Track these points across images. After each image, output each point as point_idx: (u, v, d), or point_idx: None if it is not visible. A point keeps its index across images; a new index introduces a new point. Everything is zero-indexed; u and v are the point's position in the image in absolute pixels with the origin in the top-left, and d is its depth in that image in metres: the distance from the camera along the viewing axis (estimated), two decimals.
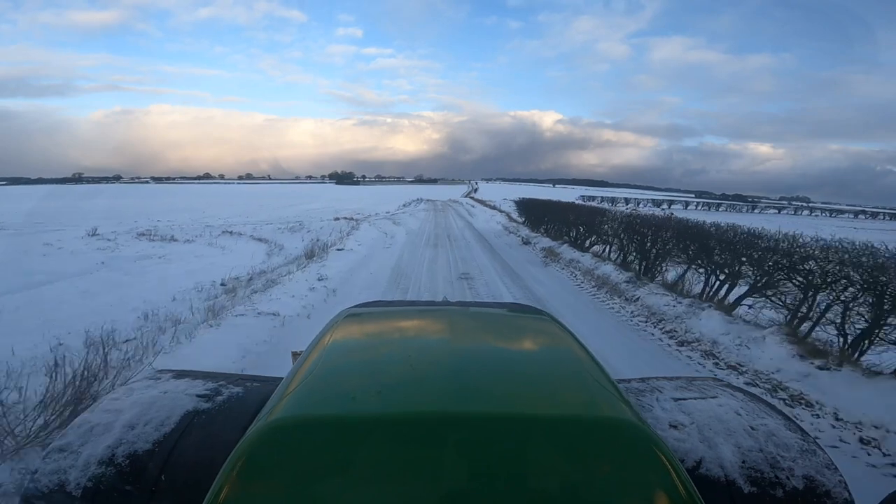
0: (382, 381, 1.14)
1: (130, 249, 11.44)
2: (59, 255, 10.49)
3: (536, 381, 1.20)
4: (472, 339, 1.55)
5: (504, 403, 1.06)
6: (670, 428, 1.49)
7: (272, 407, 1.05)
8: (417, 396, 1.08)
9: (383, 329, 1.68)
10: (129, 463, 1.30)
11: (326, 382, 1.15)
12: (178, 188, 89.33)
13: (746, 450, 1.39)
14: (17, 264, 9.04)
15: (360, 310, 1.90)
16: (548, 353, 1.47)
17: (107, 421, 1.43)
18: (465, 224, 21.58)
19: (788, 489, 1.29)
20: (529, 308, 2.26)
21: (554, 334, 1.57)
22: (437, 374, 1.18)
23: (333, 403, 1.05)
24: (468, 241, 14.78)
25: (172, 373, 1.80)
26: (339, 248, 10.91)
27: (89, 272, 8.53)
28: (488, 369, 1.26)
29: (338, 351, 1.36)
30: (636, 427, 0.97)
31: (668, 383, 1.83)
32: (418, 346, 1.47)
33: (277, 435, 0.93)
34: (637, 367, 4.25)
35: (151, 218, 20.57)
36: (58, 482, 1.27)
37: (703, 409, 1.58)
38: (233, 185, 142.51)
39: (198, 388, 1.62)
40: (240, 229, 15.80)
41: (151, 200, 39.30)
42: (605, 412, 1.06)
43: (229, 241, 13.33)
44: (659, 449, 0.91)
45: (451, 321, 1.67)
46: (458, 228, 19.14)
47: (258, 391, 1.58)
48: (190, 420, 1.45)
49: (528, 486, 0.87)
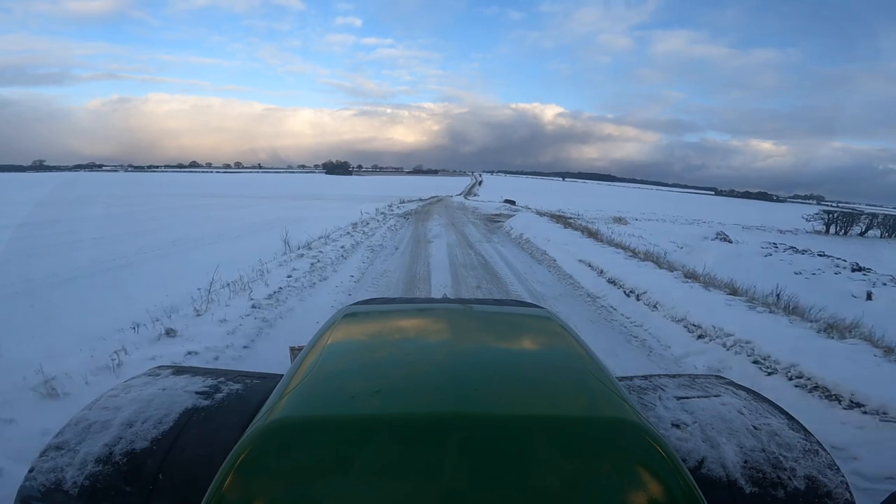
0: (382, 380, 1.13)
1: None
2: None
3: (537, 380, 1.18)
4: (472, 337, 1.53)
5: (505, 403, 1.04)
6: (673, 427, 1.48)
7: (272, 406, 1.04)
8: (417, 396, 1.06)
9: (383, 327, 1.65)
10: (127, 461, 1.29)
11: (326, 382, 1.14)
12: (148, 177, 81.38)
13: (749, 450, 1.38)
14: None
15: (360, 308, 1.88)
16: (549, 351, 1.45)
17: (105, 418, 1.42)
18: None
19: (790, 490, 1.28)
20: (530, 306, 2.24)
21: (555, 332, 1.55)
22: (437, 374, 1.17)
23: (333, 403, 1.04)
24: None
25: (172, 369, 1.81)
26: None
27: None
28: (489, 368, 1.25)
29: (337, 349, 1.34)
30: (638, 427, 0.95)
31: (671, 381, 1.83)
32: (418, 345, 1.45)
33: (277, 434, 0.92)
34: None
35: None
36: (55, 480, 1.25)
37: (706, 408, 1.57)
38: (210, 174, 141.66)
39: (197, 384, 1.61)
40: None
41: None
42: (607, 412, 1.04)
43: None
44: (661, 449, 0.91)
45: (451, 320, 1.65)
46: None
47: (257, 388, 1.58)
48: (189, 417, 1.43)
49: (530, 486, 0.86)
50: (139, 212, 20.36)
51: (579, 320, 5.27)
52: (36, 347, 3.63)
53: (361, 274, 7.50)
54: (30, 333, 4.16)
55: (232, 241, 12.02)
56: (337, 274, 7.42)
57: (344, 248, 9.43)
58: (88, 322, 4.49)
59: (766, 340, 4.16)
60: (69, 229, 12.66)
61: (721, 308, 5.23)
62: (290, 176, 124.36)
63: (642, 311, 5.68)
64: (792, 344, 4.04)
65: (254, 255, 8.06)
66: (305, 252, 8.50)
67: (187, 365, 2.04)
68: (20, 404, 2.75)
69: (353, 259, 8.71)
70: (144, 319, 4.36)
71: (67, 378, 3.08)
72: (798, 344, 4.05)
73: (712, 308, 5.20)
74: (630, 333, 5.07)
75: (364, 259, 8.81)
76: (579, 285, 7.30)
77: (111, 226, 14.44)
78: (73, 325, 4.45)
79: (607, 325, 5.34)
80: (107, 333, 4.07)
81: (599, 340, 4.60)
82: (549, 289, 6.94)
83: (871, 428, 2.94)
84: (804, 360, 3.72)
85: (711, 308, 5.20)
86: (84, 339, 3.86)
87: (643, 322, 5.37)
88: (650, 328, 5.16)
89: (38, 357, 3.15)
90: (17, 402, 2.77)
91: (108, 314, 4.81)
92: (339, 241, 10.22)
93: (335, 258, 8.36)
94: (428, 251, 10.01)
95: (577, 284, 7.38)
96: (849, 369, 3.49)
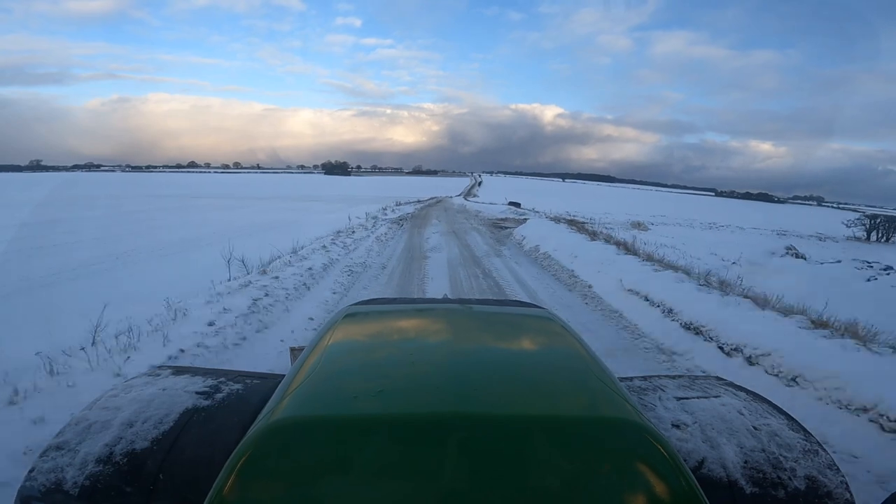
0: (383, 381, 1.12)
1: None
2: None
3: (538, 380, 1.18)
4: (473, 338, 1.52)
5: (506, 403, 1.04)
6: (673, 427, 1.47)
7: (273, 406, 1.04)
8: (419, 396, 1.06)
9: (384, 328, 1.64)
10: (127, 461, 1.28)
11: (327, 382, 1.14)
12: (143, 177, 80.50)
13: (749, 450, 1.37)
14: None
15: (361, 308, 1.86)
16: (549, 351, 1.44)
17: (105, 419, 1.42)
18: None
19: (790, 490, 1.28)
20: (531, 306, 2.22)
21: (556, 333, 1.54)
22: (438, 374, 1.17)
23: (335, 403, 1.04)
24: None
25: (172, 369, 1.78)
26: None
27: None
28: (490, 369, 1.24)
29: (338, 350, 1.34)
30: (640, 427, 0.95)
31: (671, 382, 1.82)
32: (419, 346, 1.45)
33: (279, 435, 0.91)
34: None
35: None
36: (55, 481, 1.25)
37: (707, 408, 1.56)
38: (208, 174, 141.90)
39: (197, 385, 1.60)
40: None
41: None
42: (608, 412, 1.04)
43: None
44: (663, 448, 0.90)
45: (452, 320, 1.64)
46: None
47: (258, 388, 1.57)
48: (189, 418, 1.42)
49: (531, 486, 0.86)
50: (106, 216, 18.10)
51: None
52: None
53: (326, 314, 5.16)
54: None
55: (183, 255, 9.79)
56: (289, 316, 5.01)
57: (312, 270, 6.94)
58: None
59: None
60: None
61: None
62: (288, 176, 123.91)
63: (768, 383, 3.45)
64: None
65: (191, 280, 5.89)
66: (256, 279, 5.96)
67: (188, 365, 2.01)
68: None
69: (319, 289, 6.30)
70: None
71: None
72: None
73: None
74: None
75: (336, 288, 6.43)
76: (639, 331, 4.90)
77: (56, 235, 12.10)
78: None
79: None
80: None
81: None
82: (595, 335, 4.64)
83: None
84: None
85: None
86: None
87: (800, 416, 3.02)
88: (829, 433, 2.71)
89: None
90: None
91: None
92: (310, 258, 7.67)
93: (293, 288, 5.91)
94: (424, 272, 7.78)
95: (635, 329, 4.96)
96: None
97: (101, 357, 3.36)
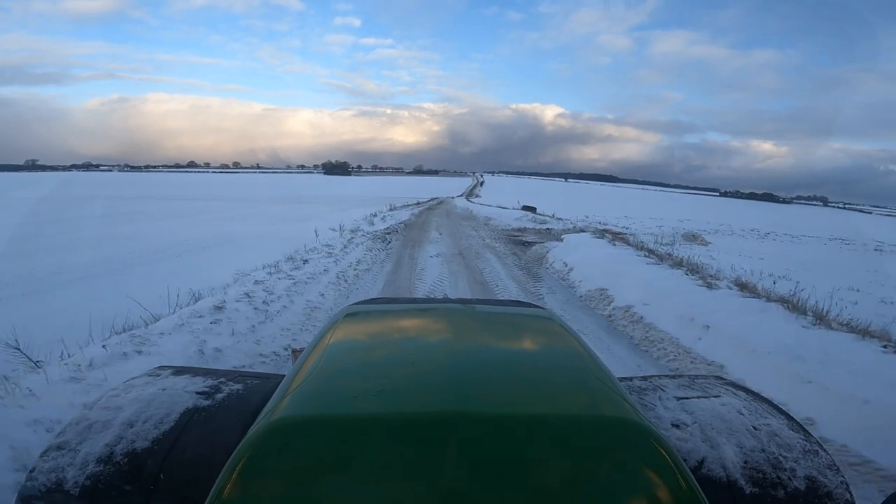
0: (384, 380, 1.13)
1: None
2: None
3: (538, 380, 1.18)
4: (473, 338, 1.52)
5: (506, 403, 1.04)
6: (673, 427, 1.47)
7: (274, 406, 1.04)
8: (419, 396, 1.06)
9: (384, 328, 1.65)
10: (127, 461, 1.28)
11: (328, 382, 1.14)
12: (137, 177, 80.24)
13: (749, 450, 1.37)
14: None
15: (361, 308, 1.86)
16: (550, 351, 1.45)
17: (105, 418, 1.41)
18: None
19: (790, 490, 1.27)
20: (531, 306, 2.22)
21: (555, 332, 1.55)
22: (438, 374, 1.17)
23: (335, 403, 1.04)
24: None
25: (172, 369, 1.78)
26: None
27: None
28: (490, 369, 1.24)
29: (339, 350, 1.34)
30: (640, 427, 0.95)
31: (671, 381, 1.81)
32: (419, 346, 1.45)
33: (280, 435, 0.92)
34: None
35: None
36: (55, 481, 1.24)
37: (706, 408, 1.56)
38: (206, 174, 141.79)
39: (197, 385, 1.59)
40: None
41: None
42: (607, 411, 1.04)
43: None
44: (663, 448, 0.90)
45: (452, 320, 1.64)
46: None
47: (258, 388, 1.57)
48: (189, 417, 1.42)
49: (531, 485, 0.85)
50: (63, 220, 14.55)
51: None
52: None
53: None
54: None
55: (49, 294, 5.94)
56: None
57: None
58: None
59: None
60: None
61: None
62: (286, 176, 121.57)
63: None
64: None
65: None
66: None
67: (188, 366, 1.98)
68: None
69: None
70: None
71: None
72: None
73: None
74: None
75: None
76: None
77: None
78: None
79: None
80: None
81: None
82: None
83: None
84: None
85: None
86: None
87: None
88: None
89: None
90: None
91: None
92: (160, 343, 3.77)
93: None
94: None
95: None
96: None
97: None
